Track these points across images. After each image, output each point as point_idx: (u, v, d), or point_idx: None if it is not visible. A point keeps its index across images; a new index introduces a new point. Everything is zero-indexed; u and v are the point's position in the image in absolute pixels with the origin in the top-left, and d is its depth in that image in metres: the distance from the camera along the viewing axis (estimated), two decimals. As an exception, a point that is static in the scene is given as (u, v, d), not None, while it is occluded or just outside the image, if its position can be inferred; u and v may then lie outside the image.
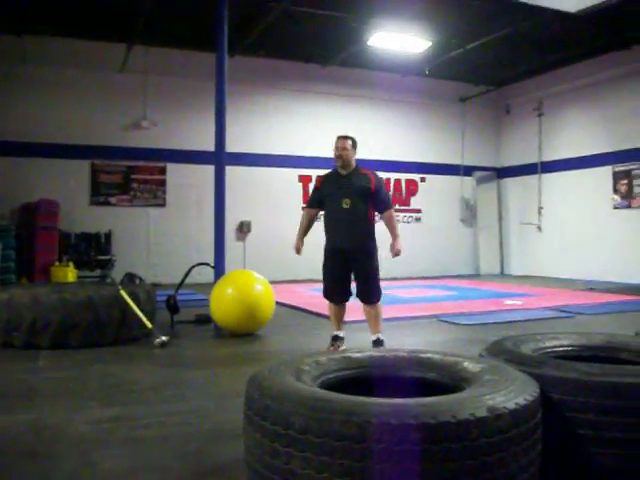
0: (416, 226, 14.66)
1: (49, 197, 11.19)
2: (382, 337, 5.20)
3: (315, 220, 5.54)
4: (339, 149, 5.19)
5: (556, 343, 2.98)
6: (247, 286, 6.27)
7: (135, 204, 12.38)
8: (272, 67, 13.09)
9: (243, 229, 12.98)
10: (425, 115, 14.90)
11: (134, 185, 12.39)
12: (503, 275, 15.18)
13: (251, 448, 2.06)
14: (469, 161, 15.42)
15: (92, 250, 11.65)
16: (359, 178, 5.19)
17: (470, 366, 2.40)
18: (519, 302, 8.90)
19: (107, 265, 11.59)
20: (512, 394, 1.98)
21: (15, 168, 11.29)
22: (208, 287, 6.70)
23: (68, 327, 5.36)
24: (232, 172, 8.40)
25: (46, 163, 11.58)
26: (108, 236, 11.84)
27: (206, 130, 9.22)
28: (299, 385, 2.12)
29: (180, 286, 7.10)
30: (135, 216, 12.30)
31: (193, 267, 7.28)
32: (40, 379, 4.42)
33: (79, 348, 5.33)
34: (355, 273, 5.20)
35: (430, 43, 11.26)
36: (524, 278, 13.85)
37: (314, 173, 12.07)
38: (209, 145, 7.91)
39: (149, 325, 5.75)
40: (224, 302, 6.13)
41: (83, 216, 11.81)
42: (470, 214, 15.53)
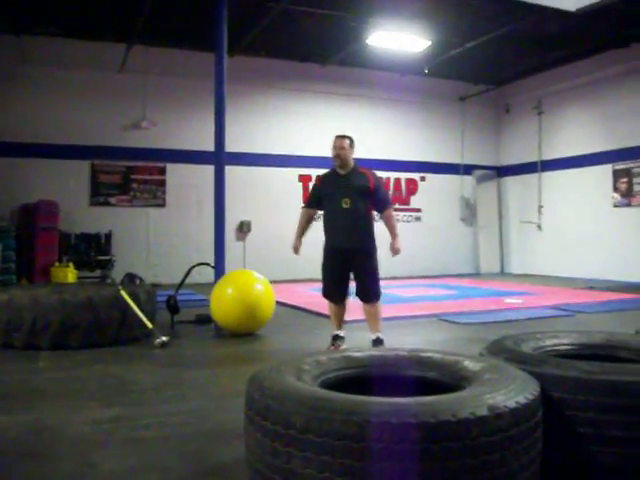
0: (416, 225, 14.66)
1: (49, 198, 11.18)
2: (382, 336, 5.21)
3: (313, 220, 5.55)
4: (337, 148, 5.21)
5: (556, 342, 2.98)
6: (247, 286, 6.27)
7: (135, 204, 12.38)
8: (271, 67, 13.08)
9: (243, 229, 12.98)
10: (425, 114, 14.89)
11: (134, 185, 12.39)
12: (503, 274, 15.18)
13: (252, 448, 2.06)
14: (469, 160, 15.42)
15: (92, 250, 11.65)
16: (358, 177, 5.21)
17: (470, 365, 2.40)
18: (519, 301, 8.91)
19: (107, 265, 11.59)
20: (512, 393, 1.98)
21: (14, 169, 11.28)
22: (208, 287, 6.70)
23: (68, 328, 5.36)
24: (232, 172, 8.40)
25: (45, 164, 11.58)
26: (108, 236, 11.84)
27: (206, 130, 9.22)
28: (300, 385, 2.12)
29: (180, 286, 7.10)
30: (135, 216, 12.30)
31: (193, 267, 7.28)
32: (40, 380, 4.42)
33: (79, 349, 5.33)
34: (355, 272, 5.20)
35: (429, 42, 11.25)
36: (524, 277, 13.85)
37: (314, 172, 12.07)
38: (209, 145, 7.91)
39: (149, 325, 5.75)
40: (224, 302, 6.13)
41: (83, 217, 11.81)
42: (470, 213, 15.53)
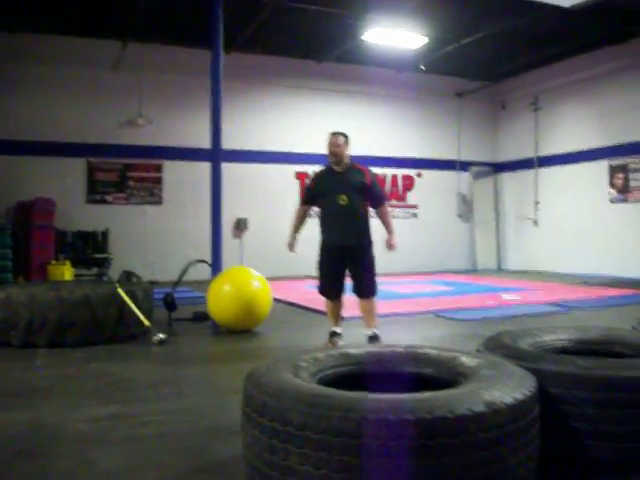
0: (413, 221, 14.66)
1: (45, 195, 11.15)
2: (377, 332, 5.22)
3: (308, 217, 5.56)
4: (332, 146, 5.25)
5: (553, 337, 2.99)
6: (244, 283, 6.27)
7: (132, 202, 12.36)
8: (267, 64, 13.06)
9: (240, 226, 12.97)
10: (421, 111, 14.89)
11: (130, 183, 12.37)
12: (500, 270, 15.19)
13: (249, 445, 2.07)
14: (465, 156, 15.43)
15: (89, 248, 11.63)
16: (354, 174, 5.24)
17: (467, 361, 2.40)
18: (516, 297, 8.92)
19: (104, 263, 11.57)
20: (509, 389, 1.99)
21: (10, 167, 11.25)
22: (205, 284, 6.69)
23: (65, 325, 5.35)
24: (228, 169, 8.39)
25: (41, 161, 11.54)
26: (105, 234, 11.83)
27: (202, 127, 9.20)
28: (297, 381, 2.12)
29: (177, 283, 7.10)
30: (132, 214, 12.28)
31: (190, 264, 7.28)
32: (38, 377, 4.42)
33: (76, 346, 5.32)
34: (351, 269, 5.21)
35: (426, 39, 11.24)
36: (521, 273, 13.87)
37: (311, 169, 12.06)
38: (205, 142, 7.89)
39: (146, 323, 5.74)
40: (221, 299, 6.14)
41: (79, 214, 11.78)
42: (467, 209, 15.54)
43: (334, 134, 5.32)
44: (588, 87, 13.06)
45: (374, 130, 14.02)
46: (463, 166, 15.44)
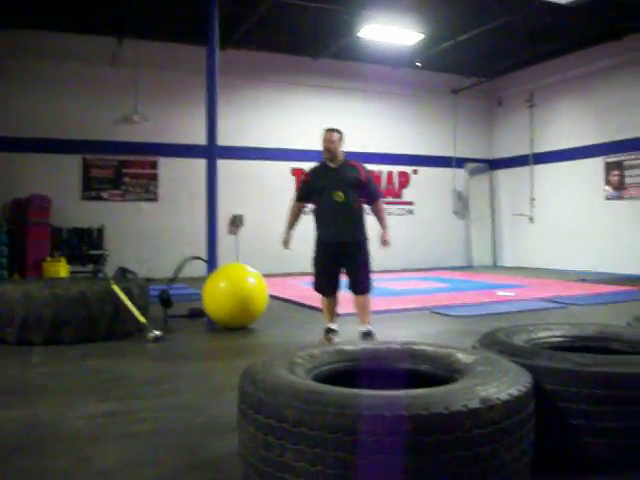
0: (408, 218, 14.68)
1: (40, 192, 11.13)
2: (371, 328, 5.23)
3: (303, 213, 5.56)
4: (326, 142, 5.26)
5: (548, 334, 3.00)
6: (240, 279, 6.27)
7: (127, 199, 12.34)
8: (263, 60, 13.04)
9: (236, 222, 12.96)
10: (417, 107, 14.89)
11: (126, 180, 12.34)
12: (495, 266, 15.23)
13: (245, 441, 2.07)
14: (461, 153, 15.43)
15: (84, 245, 11.62)
16: (349, 170, 5.26)
17: (463, 358, 2.41)
18: (512, 293, 8.94)
19: (99, 260, 11.54)
20: (505, 385, 2.00)
21: (5, 163, 11.21)
22: (201, 281, 6.69)
23: (61, 322, 5.34)
24: (224, 166, 8.39)
25: (37, 158, 11.51)
26: (100, 231, 11.81)
27: (198, 124, 9.18)
28: (292, 378, 2.12)
29: (173, 280, 7.09)
30: (127, 211, 12.26)
31: (186, 261, 7.27)
32: (34, 375, 4.41)
33: (72, 344, 5.31)
34: (347, 265, 5.21)
35: (422, 35, 11.23)
36: (516, 269, 13.90)
37: (306, 166, 11.98)
38: (201, 139, 7.88)
39: (142, 320, 5.74)
40: (217, 296, 6.13)
41: (75, 211, 11.76)
42: (462, 206, 15.56)
43: (328, 130, 5.32)
44: (584, 84, 13.08)
45: (370, 127, 14.02)
46: (459, 163, 15.45)
